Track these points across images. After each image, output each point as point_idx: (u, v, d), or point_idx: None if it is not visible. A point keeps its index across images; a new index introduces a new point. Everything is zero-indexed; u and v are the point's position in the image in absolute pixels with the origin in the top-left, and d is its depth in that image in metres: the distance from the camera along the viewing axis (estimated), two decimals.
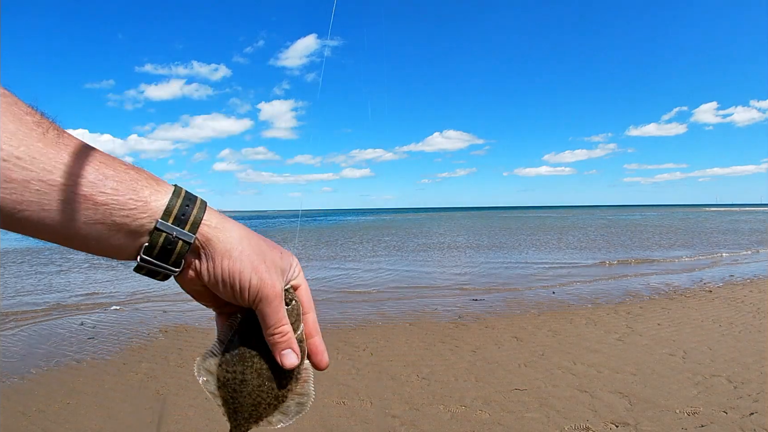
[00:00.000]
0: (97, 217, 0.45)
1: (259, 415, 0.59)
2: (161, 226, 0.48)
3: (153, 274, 0.52)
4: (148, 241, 0.48)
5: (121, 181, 0.46)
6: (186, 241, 0.49)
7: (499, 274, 9.77)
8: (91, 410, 3.32)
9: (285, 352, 0.56)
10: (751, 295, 6.86)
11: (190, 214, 0.50)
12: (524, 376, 3.81)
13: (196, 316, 6.17)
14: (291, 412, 0.61)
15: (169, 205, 0.49)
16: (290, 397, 0.60)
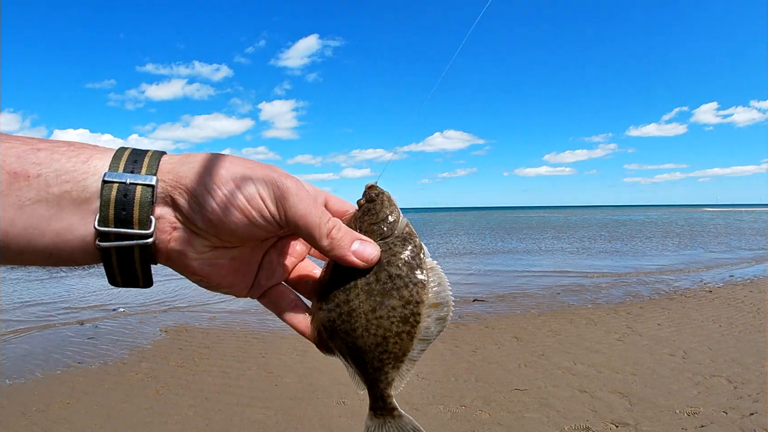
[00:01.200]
0: (32, 195, 0.36)
1: (393, 355, 0.46)
2: (110, 177, 0.38)
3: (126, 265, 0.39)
4: (98, 203, 0.38)
5: (55, 150, 0.38)
6: (146, 184, 0.38)
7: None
8: (91, 410, 3.33)
9: (354, 246, 0.44)
10: (751, 295, 6.86)
11: (144, 157, 0.40)
12: (524, 376, 3.81)
13: (197, 316, 6.17)
14: (432, 333, 0.46)
15: (115, 156, 0.39)
16: (423, 313, 0.46)
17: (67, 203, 0.37)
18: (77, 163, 0.38)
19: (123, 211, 0.38)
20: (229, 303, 6.95)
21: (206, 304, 6.86)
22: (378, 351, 0.46)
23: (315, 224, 0.41)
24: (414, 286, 0.45)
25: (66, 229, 0.37)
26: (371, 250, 0.44)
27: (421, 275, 0.46)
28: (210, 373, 4.00)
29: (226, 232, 0.41)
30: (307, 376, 3.86)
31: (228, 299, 7.26)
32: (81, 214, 0.38)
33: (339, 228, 0.43)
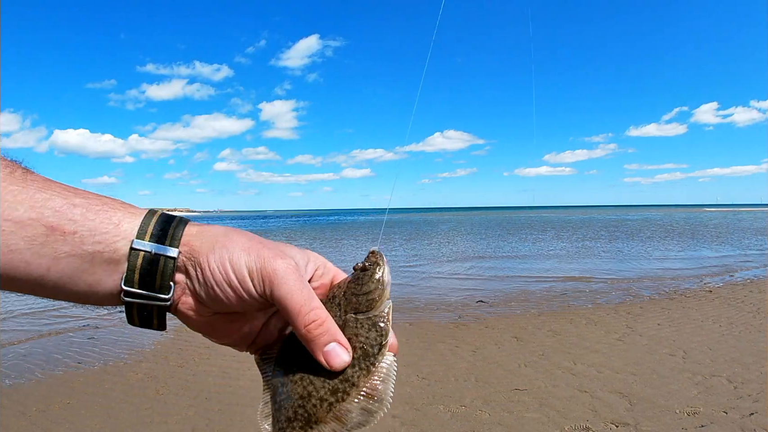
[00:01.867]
0: (67, 249, 0.40)
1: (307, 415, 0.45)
2: (137, 245, 0.42)
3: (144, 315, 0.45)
4: (126, 266, 0.42)
5: (89, 208, 0.42)
6: (168, 256, 0.43)
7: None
8: (91, 410, 3.33)
9: (328, 348, 0.44)
10: (751, 295, 6.86)
11: (169, 227, 0.44)
12: (524, 376, 3.81)
13: None
14: (351, 420, 0.46)
15: (143, 223, 0.44)
16: (352, 395, 0.46)
17: (98, 261, 0.42)
18: (109, 226, 0.42)
19: (147, 277, 0.43)
20: None
21: None
22: (297, 404, 0.46)
23: (295, 311, 0.43)
24: (359, 369, 0.45)
25: (96, 282, 0.43)
26: (341, 358, 0.44)
27: (371, 363, 0.46)
28: (210, 373, 4.00)
29: (224, 306, 0.44)
30: None
31: None
32: (110, 272, 0.43)
33: (320, 324, 0.44)
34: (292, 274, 0.43)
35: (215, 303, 0.44)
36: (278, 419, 0.47)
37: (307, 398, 0.46)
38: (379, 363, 0.46)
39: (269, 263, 0.42)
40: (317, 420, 0.45)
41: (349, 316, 0.47)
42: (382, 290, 0.48)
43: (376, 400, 0.45)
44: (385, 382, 0.46)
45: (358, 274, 0.49)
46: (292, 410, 0.46)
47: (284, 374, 0.48)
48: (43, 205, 0.40)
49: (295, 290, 0.43)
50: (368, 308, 0.47)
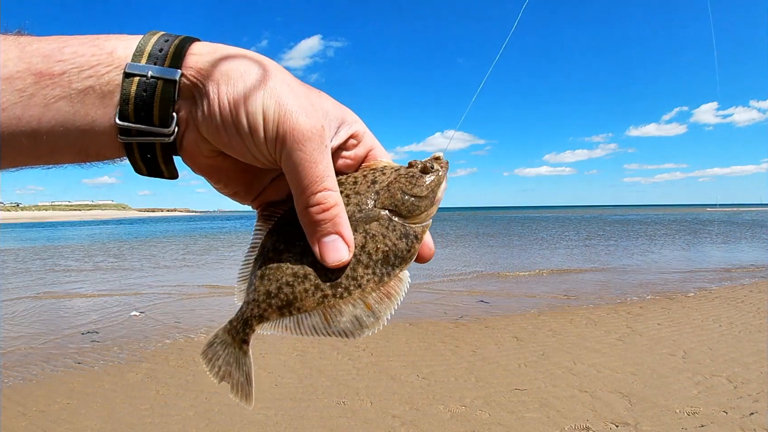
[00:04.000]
0: (57, 92, 0.35)
1: (291, 296, 0.40)
2: (131, 68, 0.36)
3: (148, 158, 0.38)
4: (119, 97, 0.36)
5: (83, 43, 0.36)
6: (168, 78, 0.36)
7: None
8: (91, 410, 3.33)
9: (327, 239, 0.38)
10: (751, 295, 6.86)
11: (171, 45, 0.37)
12: (524, 376, 3.81)
13: (196, 317, 6.17)
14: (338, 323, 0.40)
15: (141, 44, 0.37)
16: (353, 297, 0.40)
17: (91, 99, 0.36)
18: (101, 56, 0.36)
19: (143, 107, 0.36)
20: (229, 304, 6.95)
21: (207, 306, 6.87)
22: (285, 280, 0.40)
23: (302, 186, 0.36)
24: (373, 274, 0.40)
25: (90, 125, 0.36)
26: (337, 255, 0.38)
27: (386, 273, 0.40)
28: None
29: (226, 148, 0.38)
30: (307, 376, 3.86)
31: (228, 301, 7.26)
32: (104, 108, 0.36)
33: (326, 209, 0.37)
34: (314, 140, 0.35)
35: (219, 143, 0.38)
36: (257, 289, 0.41)
37: (300, 279, 0.40)
38: (394, 276, 0.40)
39: (290, 118, 0.35)
40: (300, 308, 0.40)
41: (385, 212, 0.41)
42: (432, 202, 0.42)
43: (374, 315, 0.39)
44: (391, 299, 0.40)
45: (414, 172, 0.43)
46: (275, 285, 0.40)
47: (282, 242, 0.42)
48: (32, 54, 0.35)
49: (309, 161, 0.35)
50: (409, 214, 0.41)
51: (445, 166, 0.44)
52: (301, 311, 0.40)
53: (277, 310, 0.41)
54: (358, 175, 0.43)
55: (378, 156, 0.44)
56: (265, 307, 0.41)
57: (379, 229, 0.41)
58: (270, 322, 0.41)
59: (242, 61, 0.36)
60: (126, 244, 20.39)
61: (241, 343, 0.43)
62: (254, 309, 0.42)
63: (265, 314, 0.41)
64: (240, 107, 0.35)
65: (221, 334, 0.44)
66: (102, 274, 10.50)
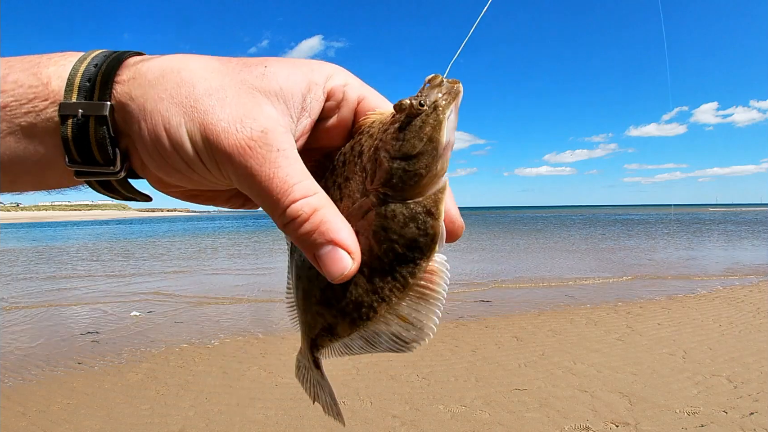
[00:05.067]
0: (3, 127, 0.32)
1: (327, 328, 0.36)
2: (64, 109, 0.32)
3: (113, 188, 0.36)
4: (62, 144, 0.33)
5: (25, 69, 0.33)
6: (97, 115, 0.31)
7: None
8: (91, 410, 3.32)
9: (321, 252, 0.31)
10: (751, 294, 6.86)
11: (99, 73, 0.32)
12: (524, 376, 3.81)
13: (197, 317, 6.17)
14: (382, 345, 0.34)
15: (71, 75, 0.32)
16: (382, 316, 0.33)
17: (37, 135, 0.33)
18: (38, 88, 0.32)
19: (85, 151, 0.32)
20: (229, 304, 6.96)
21: (206, 306, 6.87)
22: (315, 312, 0.36)
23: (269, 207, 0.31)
24: (391, 280, 0.32)
25: (45, 163, 0.34)
26: (341, 266, 0.30)
27: (408, 273, 0.31)
28: (210, 373, 4.00)
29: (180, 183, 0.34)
30: None
31: (229, 303, 7.25)
32: (53, 148, 0.33)
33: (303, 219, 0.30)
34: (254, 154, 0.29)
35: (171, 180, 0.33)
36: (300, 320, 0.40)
37: (326, 307, 0.35)
38: (420, 272, 0.31)
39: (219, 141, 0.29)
40: (339, 334, 0.36)
41: (375, 195, 0.32)
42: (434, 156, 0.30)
43: (413, 327, 0.33)
44: (428, 299, 0.31)
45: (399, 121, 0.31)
46: (310, 315, 0.37)
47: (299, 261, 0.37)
48: None
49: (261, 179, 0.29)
50: (405, 186, 0.30)
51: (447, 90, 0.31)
52: (342, 337, 0.36)
53: (325, 338, 0.37)
54: (347, 148, 0.34)
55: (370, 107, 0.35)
56: (313, 336, 0.38)
57: (378, 220, 0.31)
58: (326, 348, 0.39)
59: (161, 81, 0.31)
60: (126, 245, 20.39)
61: (314, 366, 0.43)
62: (308, 335, 0.40)
63: (317, 342, 0.39)
64: (164, 142, 0.30)
65: (299, 357, 0.46)
66: (102, 275, 10.50)
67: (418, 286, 0.32)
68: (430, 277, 0.31)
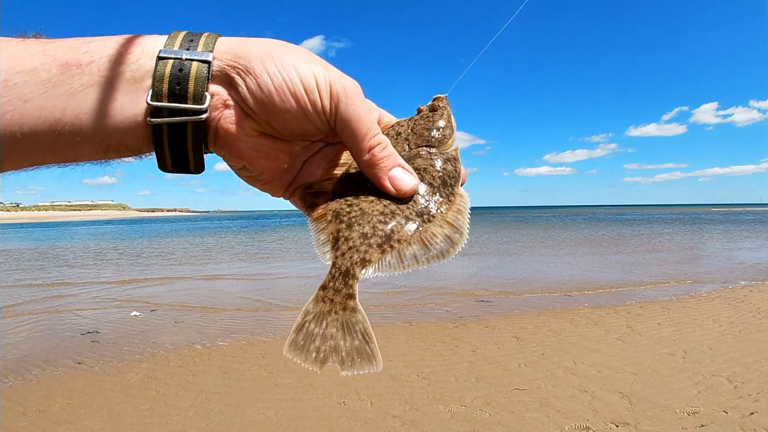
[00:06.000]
0: (84, 81, 0.36)
1: (389, 231, 0.41)
2: (166, 53, 0.37)
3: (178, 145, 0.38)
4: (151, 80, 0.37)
5: (106, 40, 0.38)
6: (202, 60, 0.38)
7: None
8: (91, 410, 3.32)
9: (393, 172, 0.42)
10: (751, 294, 6.87)
11: (200, 37, 0.39)
12: (524, 376, 3.81)
13: (197, 317, 6.17)
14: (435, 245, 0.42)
15: (170, 37, 0.39)
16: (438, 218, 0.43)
17: (120, 84, 0.37)
18: (130, 47, 0.38)
19: (177, 85, 0.37)
20: (229, 304, 6.96)
21: (206, 306, 6.87)
22: (377, 219, 0.41)
23: (361, 134, 0.40)
24: (440, 196, 0.43)
25: (117, 110, 0.37)
26: (408, 181, 0.42)
27: (450, 192, 0.44)
28: (210, 373, 4.00)
29: (278, 117, 0.40)
30: (307, 376, 3.86)
31: (229, 303, 7.25)
32: (133, 93, 0.37)
33: (384, 147, 0.42)
34: (360, 95, 0.40)
35: (269, 114, 0.39)
36: (348, 238, 0.41)
37: (389, 216, 0.41)
38: (457, 195, 0.44)
39: (339, 80, 0.39)
40: (400, 239, 0.41)
41: (422, 149, 0.46)
42: (452, 129, 0.47)
43: (458, 231, 0.42)
44: (462, 213, 0.44)
45: (426, 113, 0.48)
46: (369, 227, 0.41)
47: (353, 196, 0.43)
48: (56, 48, 0.37)
49: (364, 112, 0.40)
50: (440, 144, 0.47)
51: (447, 101, 0.49)
52: (401, 242, 0.41)
53: (378, 248, 0.41)
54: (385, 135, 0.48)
55: (385, 119, 0.50)
56: (366, 248, 0.41)
57: (426, 161, 0.45)
58: (372, 264, 0.41)
59: (274, 42, 0.40)
60: (126, 245, 20.39)
61: (346, 300, 0.41)
62: (353, 255, 0.41)
63: (366, 256, 0.41)
64: (293, 74, 0.38)
65: (312, 308, 0.42)
66: (102, 275, 10.50)
67: (456, 203, 0.44)
68: (461, 200, 0.45)
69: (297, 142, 0.45)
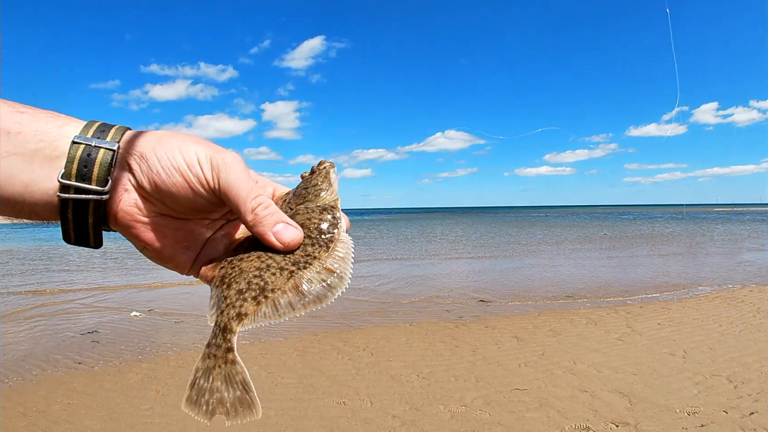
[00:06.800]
0: (10, 148, 0.41)
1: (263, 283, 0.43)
2: (79, 139, 0.43)
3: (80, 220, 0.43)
4: (64, 160, 0.42)
5: (35, 115, 0.43)
6: (108, 148, 0.43)
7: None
8: (91, 410, 3.32)
9: (277, 228, 0.45)
10: (751, 294, 6.86)
11: (110, 129, 0.45)
12: (524, 375, 3.81)
13: (197, 317, 6.17)
14: (311, 292, 0.43)
15: (86, 126, 0.44)
16: (314, 267, 0.44)
17: (38, 159, 0.42)
18: (53, 127, 0.43)
19: (85, 167, 0.42)
20: None
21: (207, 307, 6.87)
22: (252, 275, 0.43)
23: (242, 197, 0.44)
24: (318, 246, 0.45)
25: (33, 181, 0.42)
26: (292, 233, 0.45)
27: (328, 239, 0.46)
28: None
29: (169, 195, 0.44)
30: (307, 376, 3.86)
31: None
32: (48, 170, 0.42)
33: (266, 206, 0.44)
34: (240, 164, 0.44)
35: (162, 194, 0.44)
36: (226, 296, 0.43)
37: (264, 269, 0.44)
38: (337, 240, 0.46)
39: (218, 154, 0.44)
40: (274, 288, 0.43)
41: (299, 207, 0.49)
42: (329, 184, 0.49)
43: (337, 276, 0.44)
44: (344, 260, 0.45)
45: (306, 177, 0.52)
46: (245, 282, 0.43)
47: (238, 260, 0.46)
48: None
49: (243, 178, 0.44)
50: (317, 197, 0.49)
51: (329, 163, 0.52)
52: (275, 292, 0.43)
53: (252, 301, 0.43)
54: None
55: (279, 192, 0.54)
56: (240, 303, 0.43)
57: (303, 216, 0.48)
58: (248, 317, 0.43)
59: (164, 131, 0.45)
60: (126, 244, 20.37)
61: (226, 353, 0.43)
62: (230, 311, 0.43)
63: (242, 310, 0.43)
64: (176, 155, 0.43)
65: (200, 365, 0.45)
66: (102, 275, 10.50)
67: (337, 250, 0.45)
68: (343, 246, 0.46)
69: (195, 219, 0.49)
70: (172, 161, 0.43)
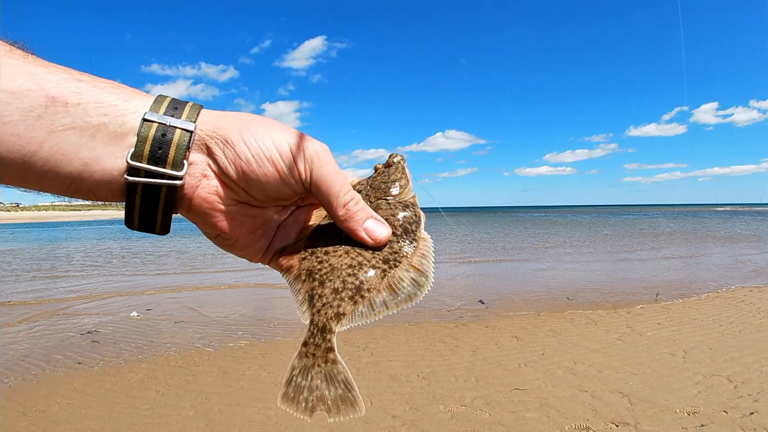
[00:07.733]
0: (67, 121, 0.36)
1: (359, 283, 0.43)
2: (151, 116, 0.38)
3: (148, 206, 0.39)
4: (135, 138, 0.38)
5: (95, 84, 0.38)
6: (185, 129, 0.39)
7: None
8: (91, 410, 3.32)
9: (367, 224, 0.44)
10: (751, 294, 6.86)
11: (184, 106, 0.41)
12: (524, 375, 3.81)
13: (197, 317, 6.17)
14: (403, 289, 0.44)
15: (156, 101, 0.40)
16: (403, 264, 0.45)
17: (101, 134, 0.37)
18: (117, 100, 0.38)
19: (159, 149, 0.38)
20: (230, 303, 6.95)
21: (207, 307, 6.87)
22: (346, 273, 0.44)
23: (335, 192, 0.43)
24: (403, 243, 0.46)
25: (94, 160, 0.37)
26: (382, 230, 0.44)
27: (413, 238, 0.46)
28: (210, 373, 4.00)
29: (256, 184, 0.42)
30: None
31: (230, 303, 7.25)
32: (114, 147, 0.38)
33: (357, 201, 0.44)
34: (331, 156, 0.43)
35: (248, 183, 0.41)
36: (321, 295, 0.43)
37: (358, 267, 0.44)
38: (420, 239, 0.47)
39: (311, 145, 0.42)
40: (369, 288, 0.44)
41: (380, 201, 0.49)
42: (408, 180, 0.51)
43: (423, 274, 0.45)
44: (426, 257, 0.46)
45: (381, 169, 0.52)
46: (340, 281, 0.43)
47: (324, 253, 0.46)
48: (43, 77, 0.36)
49: (335, 172, 0.43)
50: (398, 194, 0.50)
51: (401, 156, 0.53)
52: (370, 291, 0.44)
53: (350, 300, 0.43)
54: None
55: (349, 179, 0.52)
56: (338, 303, 0.43)
57: (387, 212, 0.48)
58: (346, 317, 0.43)
59: (249, 115, 0.43)
60: (126, 245, 20.39)
61: (326, 353, 0.43)
62: (328, 311, 0.43)
63: (340, 309, 0.43)
64: (268, 143, 0.41)
65: (297, 363, 0.45)
66: (102, 275, 10.50)
67: (420, 248, 0.46)
68: (425, 243, 0.47)
69: (270, 207, 0.47)
70: (264, 150, 0.40)
